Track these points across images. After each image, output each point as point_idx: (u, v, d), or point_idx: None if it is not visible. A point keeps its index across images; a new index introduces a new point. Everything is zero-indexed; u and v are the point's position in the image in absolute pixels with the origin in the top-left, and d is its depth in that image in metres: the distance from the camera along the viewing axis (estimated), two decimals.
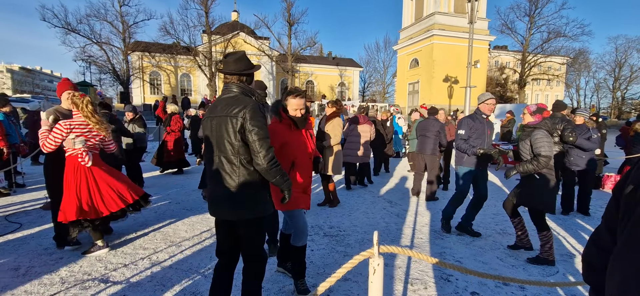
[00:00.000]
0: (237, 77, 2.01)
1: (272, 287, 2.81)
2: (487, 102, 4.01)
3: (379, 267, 1.28)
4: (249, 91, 2.04)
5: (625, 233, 0.83)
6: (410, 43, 32.77)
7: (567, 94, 48.63)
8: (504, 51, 43.08)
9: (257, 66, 2.11)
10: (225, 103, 1.96)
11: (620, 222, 0.87)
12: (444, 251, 3.66)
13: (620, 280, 0.82)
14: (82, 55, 28.40)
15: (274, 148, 1.97)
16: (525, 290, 2.83)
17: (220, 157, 1.96)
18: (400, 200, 5.89)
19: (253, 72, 2.08)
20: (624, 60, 44.62)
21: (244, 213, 1.99)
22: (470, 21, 16.25)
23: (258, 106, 1.94)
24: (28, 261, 3.19)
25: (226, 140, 1.92)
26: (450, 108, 25.64)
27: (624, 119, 30.76)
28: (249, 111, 1.90)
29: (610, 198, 0.97)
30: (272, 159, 1.93)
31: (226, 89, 2.04)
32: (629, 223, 0.82)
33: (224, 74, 2.04)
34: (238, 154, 1.93)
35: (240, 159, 1.93)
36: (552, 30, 33.34)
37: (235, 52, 2.13)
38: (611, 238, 0.94)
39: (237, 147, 1.92)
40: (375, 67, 50.71)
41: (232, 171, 1.95)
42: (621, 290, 0.81)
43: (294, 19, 32.29)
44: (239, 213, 1.99)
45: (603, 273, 0.91)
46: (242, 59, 2.04)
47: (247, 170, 1.95)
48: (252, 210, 1.99)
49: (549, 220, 4.80)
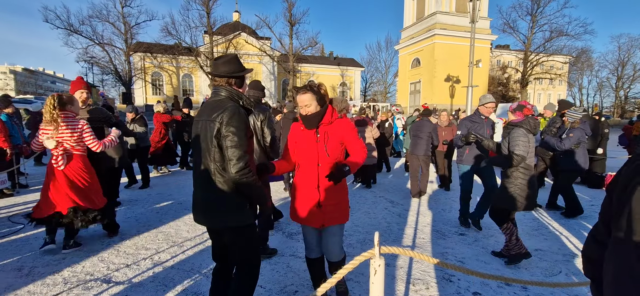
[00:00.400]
0: (225, 80, 1.94)
1: (274, 287, 2.82)
2: (487, 104, 4.19)
3: (380, 268, 1.27)
4: (237, 95, 1.95)
5: (616, 228, 0.87)
6: (412, 42, 32.73)
7: (570, 93, 48.44)
8: (506, 50, 42.94)
9: (248, 69, 2.03)
10: (210, 107, 1.90)
11: (612, 218, 0.91)
12: (446, 252, 3.65)
13: (614, 271, 0.87)
14: (85, 56, 28.60)
15: (248, 157, 1.83)
16: (527, 290, 2.81)
17: (202, 161, 1.90)
18: (402, 199, 5.88)
19: (243, 75, 2.00)
20: (627, 59, 44.44)
21: (219, 221, 1.92)
22: (472, 20, 16.21)
23: (238, 110, 1.84)
24: (31, 261, 3.21)
25: (206, 144, 1.86)
26: (452, 108, 25.58)
27: (627, 118, 30.61)
28: (226, 115, 1.81)
29: (605, 195, 1.01)
30: (242, 169, 1.79)
31: (214, 92, 1.97)
32: (621, 218, 0.86)
33: (213, 76, 1.98)
34: (214, 160, 1.85)
35: (216, 165, 1.85)
36: (554, 29, 33.26)
37: (227, 54, 2.06)
38: (607, 232, 0.97)
39: (213, 152, 1.84)
40: (377, 66, 50.79)
41: (209, 177, 1.87)
42: (615, 280, 0.85)
43: (295, 19, 32.34)
44: (214, 221, 1.93)
45: (601, 266, 0.96)
46: (231, 61, 1.97)
47: (223, 178, 1.86)
48: (229, 219, 1.91)
49: (552, 220, 4.78)
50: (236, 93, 1.95)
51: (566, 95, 47.18)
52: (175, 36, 30.30)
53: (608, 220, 0.96)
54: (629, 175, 0.87)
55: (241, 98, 1.96)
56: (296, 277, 3.00)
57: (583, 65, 44.18)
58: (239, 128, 1.80)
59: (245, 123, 1.85)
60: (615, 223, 0.89)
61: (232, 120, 1.79)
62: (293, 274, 3.06)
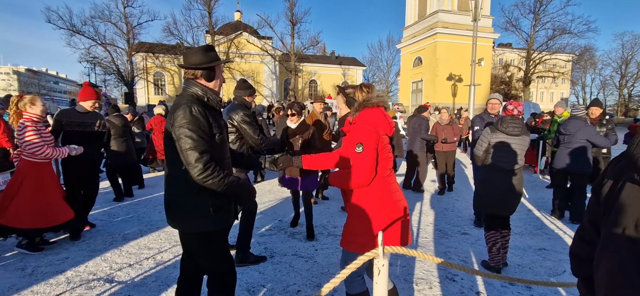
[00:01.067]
0: (191, 73, 1.79)
1: (276, 287, 2.81)
2: (490, 101, 4.47)
3: (383, 268, 1.26)
4: (202, 90, 1.77)
5: (607, 225, 0.90)
6: (414, 41, 32.63)
7: (573, 92, 48.22)
8: (509, 49, 42.77)
9: (217, 61, 1.82)
10: (173, 106, 1.77)
11: (601, 216, 0.95)
12: (448, 251, 3.63)
13: (606, 267, 0.89)
14: (87, 56, 28.74)
15: (207, 157, 1.65)
16: (531, 289, 2.80)
17: (166, 162, 1.83)
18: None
19: (209, 68, 1.79)
20: (631, 57, 44.06)
21: (174, 224, 1.81)
22: (474, 19, 16.14)
23: (191, 109, 1.66)
24: (34, 261, 3.22)
25: (165, 146, 1.77)
26: (454, 107, 25.50)
27: (631, 116, 30.42)
28: (176, 115, 1.66)
29: (591, 195, 1.03)
30: (202, 171, 1.63)
31: (184, 86, 1.83)
32: (609, 216, 0.90)
33: (182, 68, 1.84)
34: (171, 162, 1.74)
35: (173, 167, 1.74)
36: (557, 27, 33.13)
37: (200, 45, 1.90)
38: (595, 232, 1.01)
39: (170, 154, 1.73)
40: (379, 65, 50.48)
41: (169, 179, 1.79)
42: (608, 276, 0.87)
43: (296, 18, 32.37)
44: (173, 224, 1.82)
45: (590, 264, 0.99)
46: (197, 52, 1.79)
47: (176, 178, 1.74)
48: (183, 223, 1.79)
49: (556, 219, 4.75)
50: (201, 87, 1.78)
51: (569, 93, 46.96)
52: (177, 36, 30.43)
53: (595, 219, 0.99)
54: (615, 174, 0.91)
55: (206, 94, 1.78)
56: (298, 276, 2.99)
57: (586, 63, 43.92)
58: (190, 129, 1.63)
59: (201, 121, 1.67)
60: (605, 221, 0.92)
61: (183, 120, 1.64)
62: (295, 273, 3.05)
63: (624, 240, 0.83)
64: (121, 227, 4.18)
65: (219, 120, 1.83)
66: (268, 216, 4.74)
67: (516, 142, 3.02)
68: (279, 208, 5.16)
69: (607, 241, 0.89)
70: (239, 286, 2.80)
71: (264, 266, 3.16)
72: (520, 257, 3.49)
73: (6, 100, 6.18)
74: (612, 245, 0.87)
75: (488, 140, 3.16)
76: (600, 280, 0.91)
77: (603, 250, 0.91)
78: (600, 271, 0.91)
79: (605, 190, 0.94)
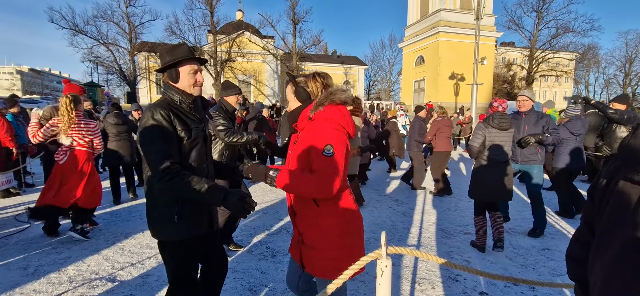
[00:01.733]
0: (163, 74, 1.72)
1: (278, 287, 2.80)
2: (518, 100, 4.21)
3: (387, 269, 1.25)
4: (178, 92, 1.69)
5: (601, 225, 0.91)
6: (416, 40, 32.54)
7: (576, 90, 47.91)
8: (511, 47, 42.54)
9: (176, 60, 1.66)
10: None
11: (596, 217, 0.96)
12: (451, 251, 3.62)
13: (600, 266, 0.89)
14: (90, 56, 28.82)
15: (169, 163, 1.54)
16: (535, 290, 2.78)
17: None
18: (407, 198, 5.84)
19: (169, 69, 1.68)
20: (635, 55, 43.76)
21: (150, 231, 1.76)
22: (477, 17, 16.07)
23: (152, 115, 1.58)
24: (37, 260, 3.23)
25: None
26: (456, 106, 25.43)
27: None
28: (141, 121, 1.62)
29: (587, 197, 1.04)
30: (162, 178, 1.53)
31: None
32: (603, 215, 0.91)
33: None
34: (144, 168, 1.69)
35: (144, 174, 1.70)
36: (560, 25, 32.89)
37: (170, 44, 1.82)
38: (590, 233, 1.01)
39: (143, 159, 1.66)
40: (381, 65, 50.55)
41: (146, 185, 1.74)
42: (602, 275, 0.88)
43: (298, 17, 32.34)
44: (151, 231, 1.76)
45: (585, 266, 1.00)
46: (163, 53, 1.70)
47: (147, 183, 1.69)
48: (155, 231, 1.73)
49: (560, 219, 4.72)
50: (175, 91, 1.69)
51: (572, 92, 46.68)
52: (179, 35, 30.43)
53: (591, 221, 1.01)
54: (609, 174, 0.93)
55: (180, 97, 1.69)
56: None
57: (590, 62, 43.67)
58: (152, 134, 1.57)
59: (164, 127, 1.58)
60: (598, 221, 0.93)
61: (145, 129, 1.58)
62: None
63: (617, 238, 0.83)
64: (123, 226, 4.19)
65: (189, 125, 1.69)
66: (270, 215, 4.74)
67: (505, 136, 3.43)
68: (281, 207, 5.15)
69: (601, 240, 0.90)
70: (241, 285, 2.80)
71: (265, 266, 3.16)
72: (523, 257, 3.47)
73: (10, 99, 6.20)
74: (605, 244, 0.88)
75: (483, 134, 3.47)
76: (594, 280, 0.91)
77: (597, 250, 0.92)
78: (595, 271, 0.91)
79: (599, 190, 0.95)
